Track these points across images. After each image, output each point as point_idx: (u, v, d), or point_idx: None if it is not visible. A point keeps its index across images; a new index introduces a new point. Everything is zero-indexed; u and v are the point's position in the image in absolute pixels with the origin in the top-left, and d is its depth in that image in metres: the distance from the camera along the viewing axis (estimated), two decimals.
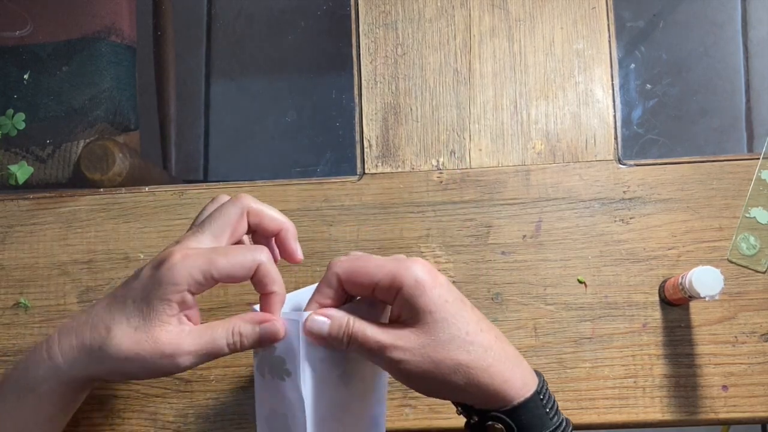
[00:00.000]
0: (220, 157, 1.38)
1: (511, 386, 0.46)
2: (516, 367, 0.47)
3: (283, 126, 1.37)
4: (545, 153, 0.66)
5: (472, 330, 0.46)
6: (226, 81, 1.41)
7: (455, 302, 0.46)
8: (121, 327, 0.47)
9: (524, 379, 0.47)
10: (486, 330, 0.47)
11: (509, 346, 0.48)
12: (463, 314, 0.46)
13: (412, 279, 0.45)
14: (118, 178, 0.77)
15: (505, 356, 0.46)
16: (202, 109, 1.40)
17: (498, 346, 0.47)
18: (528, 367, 0.48)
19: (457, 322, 0.46)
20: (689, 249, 0.63)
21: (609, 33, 0.68)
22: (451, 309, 0.46)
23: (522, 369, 0.47)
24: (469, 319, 0.46)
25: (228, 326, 0.48)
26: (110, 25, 0.87)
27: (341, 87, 1.34)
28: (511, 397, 0.46)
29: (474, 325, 0.46)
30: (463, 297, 0.47)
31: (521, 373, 0.47)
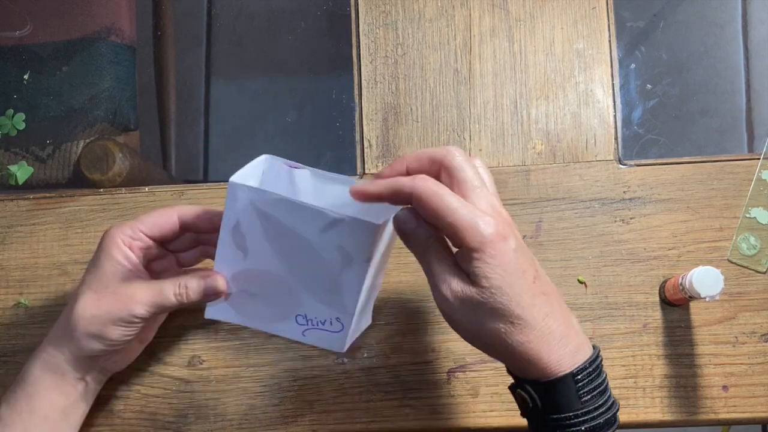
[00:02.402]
0: (220, 157, 1.38)
1: (545, 365, 0.46)
2: (556, 348, 0.46)
3: (283, 126, 1.37)
4: (545, 153, 0.66)
5: (524, 304, 0.46)
6: (226, 81, 1.41)
7: (514, 273, 0.45)
8: (84, 294, 0.54)
9: (560, 360, 0.46)
10: (539, 305, 0.46)
11: (559, 325, 0.47)
12: (519, 286, 0.45)
13: (476, 240, 0.44)
14: (118, 178, 0.77)
15: (549, 335, 0.46)
16: (202, 109, 1.40)
17: (544, 324, 0.46)
18: (574, 348, 0.47)
19: (511, 292, 0.45)
20: (689, 249, 0.63)
21: (609, 33, 0.68)
22: (508, 279, 0.45)
23: (564, 350, 0.46)
24: (524, 292, 0.46)
25: (176, 281, 0.54)
26: (110, 25, 0.87)
27: (341, 87, 1.34)
28: (542, 374, 0.46)
29: (528, 299, 0.46)
30: (527, 266, 0.46)
31: (560, 354, 0.46)
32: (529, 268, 0.46)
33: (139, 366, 0.63)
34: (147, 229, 0.55)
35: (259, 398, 0.63)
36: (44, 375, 0.55)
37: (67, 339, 0.54)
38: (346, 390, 0.62)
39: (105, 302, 0.53)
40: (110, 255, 0.54)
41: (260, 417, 0.62)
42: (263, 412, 0.62)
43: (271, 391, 0.63)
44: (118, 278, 0.54)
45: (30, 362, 0.56)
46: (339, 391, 0.62)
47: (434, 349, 0.63)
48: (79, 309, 0.54)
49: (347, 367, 0.63)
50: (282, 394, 0.63)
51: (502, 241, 0.45)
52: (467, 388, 0.62)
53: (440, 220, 0.45)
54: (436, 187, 0.46)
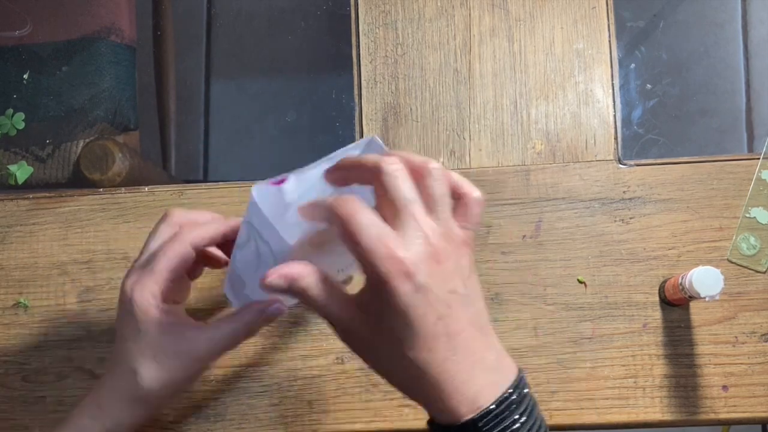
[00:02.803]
0: (220, 157, 1.38)
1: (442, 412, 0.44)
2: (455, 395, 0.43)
3: (283, 126, 1.37)
4: (545, 153, 0.66)
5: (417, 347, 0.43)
6: (226, 81, 1.41)
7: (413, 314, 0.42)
8: (144, 364, 0.51)
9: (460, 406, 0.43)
10: (436, 350, 0.43)
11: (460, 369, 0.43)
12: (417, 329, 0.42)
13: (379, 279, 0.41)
14: (117, 178, 0.77)
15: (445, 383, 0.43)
16: (202, 109, 1.40)
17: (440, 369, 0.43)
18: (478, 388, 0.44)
19: (404, 335, 0.42)
20: (689, 249, 0.63)
21: (609, 33, 0.68)
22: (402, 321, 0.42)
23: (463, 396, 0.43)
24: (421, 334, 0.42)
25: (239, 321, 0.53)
26: (110, 25, 0.87)
27: (341, 87, 1.34)
28: (442, 418, 0.44)
29: (422, 342, 0.43)
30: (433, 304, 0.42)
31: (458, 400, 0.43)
32: (427, 310, 0.42)
33: None
34: (171, 276, 0.52)
35: (258, 398, 0.63)
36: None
37: (138, 406, 0.52)
38: (346, 390, 0.62)
39: (173, 367, 0.51)
40: (150, 317, 0.51)
41: (260, 417, 0.62)
42: (263, 412, 0.62)
43: (271, 391, 0.63)
44: (171, 337, 0.51)
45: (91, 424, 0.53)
46: (339, 391, 0.62)
47: None
48: (148, 383, 0.51)
49: (347, 367, 0.63)
50: (282, 394, 0.63)
51: (402, 281, 0.41)
52: None
53: (351, 250, 0.42)
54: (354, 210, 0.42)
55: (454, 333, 0.43)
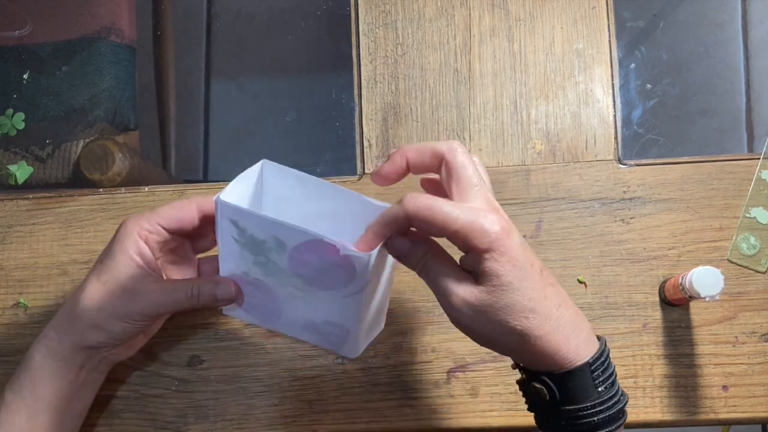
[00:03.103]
0: (220, 157, 1.38)
1: (562, 356, 0.46)
2: (572, 337, 0.46)
3: (283, 126, 1.37)
4: (545, 153, 0.66)
5: (536, 297, 0.45)
6: (226, 81, 1.41)
7: (523, 267, 0.45)
8: (92, 284, 0.54)
9: (578, 349, 0.46)
10: (550, 297, 0.46)
11: (571, 314, 0.47)
12: (530, 279, 0.45)
13: (485, 241, 0.44)
14: (117, 178, 0.77)
15: (564, 325, 0.46)
16: (202, 109, 1.40)
17: (558, 314, 0.46)
18: (587, 336, 0.47)
19: (522, 287, 0.45)
20: (689, 249, 0.63)
21: (609, 33, 0.68)
22: (518, 273, 0.45)
23: (579, 338, 0.46)
24: (535, 285, 0.45)
25: (190, 283, 0.54)
26: (110, 25, 0.87)
27: (341, 87, 1.34)
28: (560, 365, 0.46)
29: (539, 291, 0.45)
30: (533, 259, 0.46)
31: (576, 343, 0.46)
32: (533, 260, 0.46)
33: (139, 366, 0.63)
34: (166, 222, 0.54)
35: (258, 398, 0.63)
36: (46, 360, 0.54)
37: (70, 327, 0.54)
38: (346, 390, 0.62)
39: (113, 296, 0.53)
40: (124, 248, 0.53)
41: (260, 417, 0.62)
42: (263, 412, 0.62)
43: (271, 391, 0.63)
44: (129, 273, 0.53)
45: (33, 347, 0.55)
46: (339, 391, 0.62)
47: (434, 349, 0.63)
48: (86, 299, 0.53)
49: (347, 367, 0.63)
50: (281, 394, 0.63)
51: (508, 237, 0.45)
52: (467, 388, 0.62)
53: (445, 231, 0.45)
54: (430, 201, 0.45)
55: (554, 283, 0.47)
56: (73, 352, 0.54)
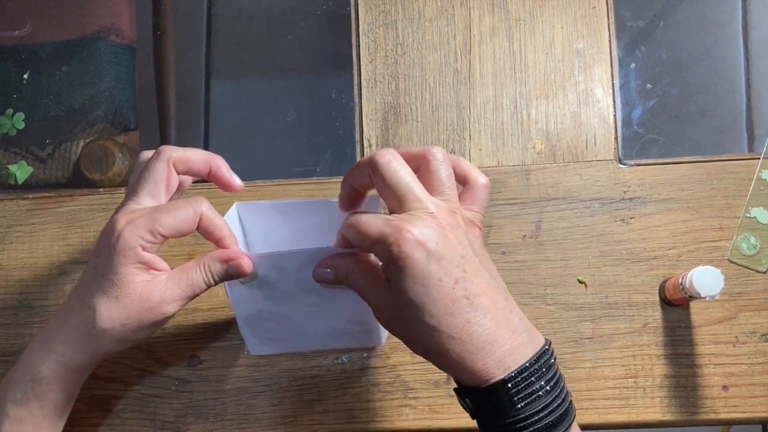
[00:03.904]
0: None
1: (471, 373, 0.44)
2: (481, 356, 0.44)
3: (283, 126, 1.37)
4: (545, 153, 0.66)
5: (439, 314, 0.44)
6: (226, 81, 1.41)
7: (430, 280, 0.44)
8: (103, 302, 0.50)
9: (487, 368, 0.44)
10: (458, 313, 0.44)
11: (485, 329, 0.44)
12: (433, 295, 0.44)
13: (392, 255, 0.44)
14: (117, 178, 0.77)
15: (470, 343, 0.44)
16: (202, 109, 1.40)
17: (464, 332, 0.44)
18: (505, 352, 0.44)
19: (423, 303, 0.44)
20: (689, 249, 0.63)
21: (609, 33, 0.68)
22: (419, 290, 0.44)
23: (491, 357, 0.44)
24: (440, 301, 0.44)
25: (200, 265, 0.51)
26: (110, 25, 0.87)
27: (341, 87, 1.34)
28: (473, 381, 0.45)
29: (444, 308, 0.44)
30: (441, 273, 0.44)
31: (485, 362, 0.44)
32: (444, 275, 0.44)
33: (139, 366, 0.63)
34: (167, 232, 0.50)
35: (258, 398, 0.63)
36: (64, 373, 0.52)
37: (89, 343, 0.51)
38: (346, 390, 0.62)
39: (133, 311, 0.50)
40: (128, 262, 0.50)
41: (260, 417, 0.62)
42: (263, 412, 0.62)
43: (271, 391, 0.63)
44: (141, 284, 0.50)
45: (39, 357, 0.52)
46: (339, 391, 0.62)
47: None
48: (105, 320, 0.50)
49: (347, 367, 0.63)
50: (281, 394, 0.63)
51: (415, 249, 0.44)
52: None
53: (365, 247, 0.46)
54: (353, 218, 0.47)
55: (472, 295, 0.45)
56: (91, 362, 0.53)
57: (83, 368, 0.53)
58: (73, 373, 0.53)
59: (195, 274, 0.52)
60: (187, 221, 0.51)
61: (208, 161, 0.55)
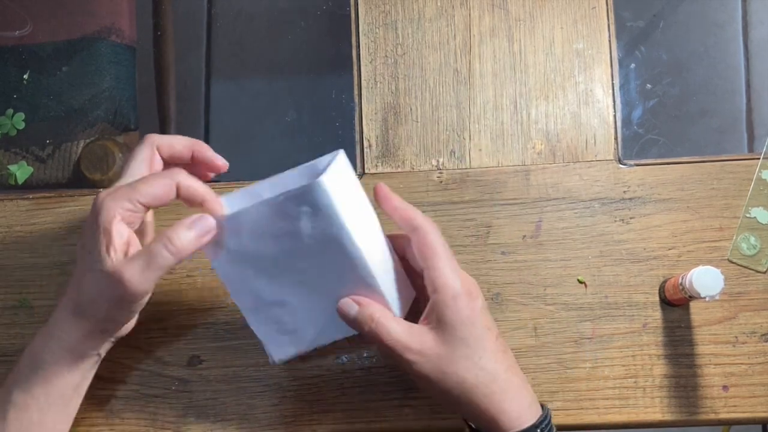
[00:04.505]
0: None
1: (506, 417, 0.49)
2: (517, 400, 0.50)
3: (283, 126, 1.37)
4: (545, 153, 0.66)
5: (487, 357, 0.50)
6: (226, 81, 1.41)
7: (481, 327, 0.50)
8: (86, 275, 0.52)
9: (521, 411, 0.50)
10: (500, 361, 0.50)
11: (518, 380, 0.51)
12: (485, 340, 0.50)
13: (450, 292, 0.49)
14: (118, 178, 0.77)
15: (510, 388, 0.50)
16: (202, 109, 1.40)
17: (505, 377, 0.50)
18: (531, 400, 0.51)
19: (476, 345, 0.49)
20: (689, 249, 0.63)
21: (609, 33, 0.68)
22: (474, 332, 0.49)
23: (523, 403, 0.50)
24: (488, 346, 0.50)
25: (162, 237, 0.51)
26: (110, 25, 0.87)
27: (341, 87, 1.34)
28: (504, 426, 0.49)
29: (490, 353, 0.50)
30: (491, 324, 0.51)
31: (520, 406, 0.50)
32: (491, 325, 0.51)
33: (139, 366, 0.63)
34: (146, 200, 0.51)
35: (258, 398, 0.63)
36: (63, 357, 0.53)
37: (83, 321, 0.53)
38: (346, 390, 0.62)
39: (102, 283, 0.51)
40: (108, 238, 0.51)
41: (260, 417, 0.62)
42: (263, 412, 0.62)
43: (271, 391, 0.63)
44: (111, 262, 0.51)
45: (41, 344, 0.54)
46: (339, 391, 0.62)
47: None
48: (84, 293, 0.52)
49: (347, 367, 0.63)
50: (282, 394, 0.63)
51: (472, 299, 0.50)
52: None
53: (428, 261, 0.50)
54: (436, 232, 0.51)
55: (508, 350, 0.52)
56: (91, 341, 0.54)
57: (80, 351, 0.54)
58: (71, 355, 0.54)
59: (157, 247, 0.51)
60: (165, 187, 0.52)
61: (191, 144, 0.57)
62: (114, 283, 0.51)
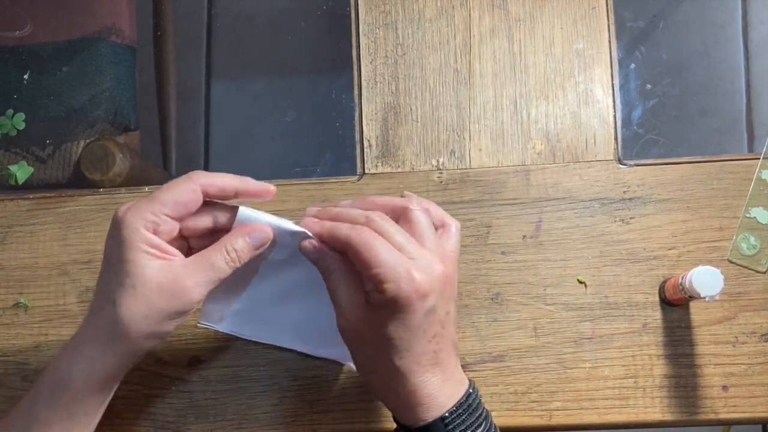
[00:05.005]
0: (220, 158, 1.38)
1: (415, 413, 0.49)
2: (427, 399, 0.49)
3: (283, 126, 1.37)
4: (545, 153, 0.66)
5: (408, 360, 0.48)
6: (226, 81, 1.41)
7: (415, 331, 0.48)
8: (120, 293, 0.47)
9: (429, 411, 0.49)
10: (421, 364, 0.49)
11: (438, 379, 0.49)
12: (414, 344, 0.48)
13: (391, 293, 0.46)
14: (118, 178, 0.77)
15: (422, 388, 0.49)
16: (203, 109, 1.40)
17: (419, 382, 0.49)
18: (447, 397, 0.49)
19: (402, 349, 0.48)
20: (689, 249, 0.63)
21: (609, 33, 0.68)
22: (405, 335, 0.47)
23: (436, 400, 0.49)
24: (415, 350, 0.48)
25: (221, 247, 0.49)
26: (110, 25, 0.87)
27: (341, 87, 1.34)
28: (407, 420, 0.50)
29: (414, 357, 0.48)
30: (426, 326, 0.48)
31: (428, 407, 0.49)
32: (428, 328, 0.48)
33: (139, 366, 0.63)
34: (171, 210, 0.48)
35: (258, 398, 0.63)
36: (91, 381, 0.50)
37: (116, 343, 0.49)
38: (346, 390, 0.62)
39: (153, 300, 0.48)
40: (136, 247, 0.47)
41: (260, 417, 0.62)
42: (263, 412, 0.62)
43: (271, 391, 0.63)
44: (156, 270, 0.47)
45: (68, 365, 0.50)
46: (339, 391, 0.62)
47: None
48: (126, 313, 0.47)
49: (347, 366, 0.63)
50: (282, 394, 0.63)
51: (418, 301, 0.47)
52: None
53: (367, 272, 0.47)
54: (371, 238, 0.47)
55: (439, 350, 0.49)
56: (122, 362, 0.51)
57: (113, 374, 0.51)
58: (103, 378, 0.51)
59: (215, 256, 0.49)
60: (188, 192, 0.48)
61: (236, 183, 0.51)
62: (173, 293, 0.48)
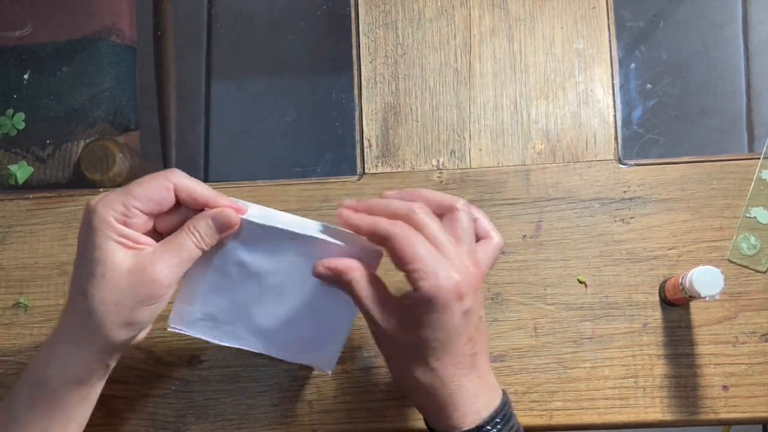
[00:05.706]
0: (220, 158, 1.38)
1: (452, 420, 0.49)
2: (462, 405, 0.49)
3: (283, 126, 1.37)
4: (545, 153, 0.66)
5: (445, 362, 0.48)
6: (226, 81, 1.41)
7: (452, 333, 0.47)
8: (91, 283, 0.48)
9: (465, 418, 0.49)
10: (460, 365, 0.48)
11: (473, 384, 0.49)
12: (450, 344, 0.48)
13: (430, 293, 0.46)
14: (118, 178, 0.77)
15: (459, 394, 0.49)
16: (203, 109, 1.40)
17: (458, 384, 0.48)
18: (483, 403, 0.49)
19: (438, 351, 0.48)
20: (689, 249, 0.63)
21: (609, 33, 0.68)
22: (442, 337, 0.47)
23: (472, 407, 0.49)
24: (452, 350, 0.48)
25: (186, 228, 0.49)
26: (110, 25, 0.87)
27: (341, 87, 1.34)
28: (441, 427, 0.49)
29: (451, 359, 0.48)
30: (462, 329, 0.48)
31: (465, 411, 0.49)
32: (464, 331, 0.48)
33: (139, 366, 0.63)
34: (142, 205, 0.48)
35: (258, 398, 0.63)
36: (68, 376, 0.50)
37: (91, 335, 0.49)
38: (346, 390, 0.62)
39: (124, 286, 0.47)
40: (106, 236, 0.47)
41: (260, 417, 0.62)
42: (263, 412, 0.62)
43: (271, 391, 0.63)
44: (125, 257, 0.47)
45: (45, 363, 0.50)
46: (339, 391, 0.62)
47: None
48: (98, 303, 0.47)
49: (347, 367, 0.63)
50: (281, 394, 0.63)
51: (455, 302, 0.46)
52: None
53: (404, 266, 0.47)
54: (410, 234, 0.47)
55: (475, 354, 0.49)
56: (100, 357, 0.50)
57: (90, 369, 0.51)
58: (79, 374, 0.50)
59: (182, 238, 0.49)
60: (160, 189, 0.48)
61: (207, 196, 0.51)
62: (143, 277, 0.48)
